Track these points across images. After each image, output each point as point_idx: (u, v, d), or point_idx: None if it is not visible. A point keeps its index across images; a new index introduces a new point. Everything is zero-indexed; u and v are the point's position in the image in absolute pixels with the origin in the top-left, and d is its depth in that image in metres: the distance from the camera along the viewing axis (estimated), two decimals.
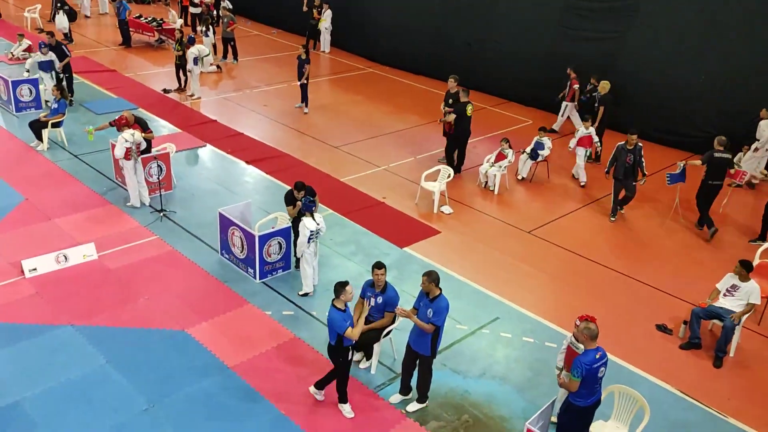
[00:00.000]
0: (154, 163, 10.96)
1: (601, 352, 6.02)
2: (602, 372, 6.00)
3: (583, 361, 5.95)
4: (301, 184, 8.83)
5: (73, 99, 14.79)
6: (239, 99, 16.57)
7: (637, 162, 11.12)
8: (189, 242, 9.97)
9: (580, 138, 12.64)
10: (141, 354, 7.57)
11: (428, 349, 6.81)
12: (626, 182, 11.25)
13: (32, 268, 8.86)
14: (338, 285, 6.55)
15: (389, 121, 15.70)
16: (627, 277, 9.90)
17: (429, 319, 6.63)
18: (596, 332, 6.01)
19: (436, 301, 6.65)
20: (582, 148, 12.64)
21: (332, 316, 6.50)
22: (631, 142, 11.02)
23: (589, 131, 12.61)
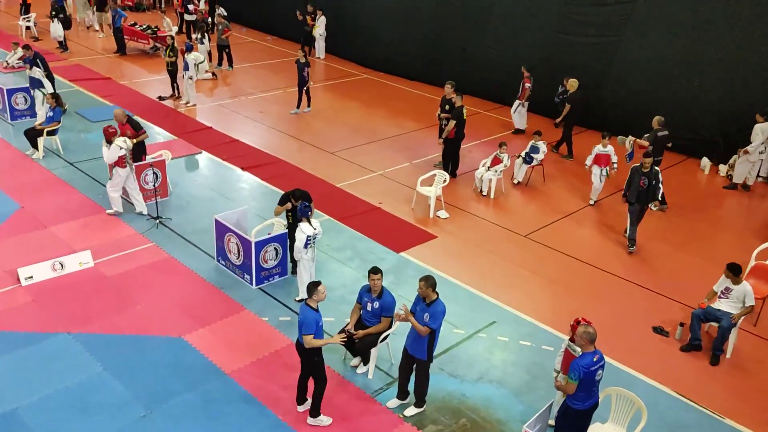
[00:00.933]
0: (150, 171, 10.96)
1: (598, 355, 6.04)
2: (599, 375, 6.03)
3: (580, 363, 5.97)
4: (300, 193, 8.83)
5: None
6: (235, 106, 16.60)
7: (652, 187, 10.39)
8: (185, 249, 9.97)
9: (597, 156, 12.00)
10: (138, 361, 7.56)
11: (425, 353, 6.82)
12: (640, 207, 10.57)
13: (28, 276, 8.85)
14: (311, 284, 6.54)
15: (385, 127, 15.75)
16: (623, 280, 9.93)
17: (425, 323, 6.65)
18: (595, 336, 6.03)
19: (433, 305, 6.67)
20: (597, 167, 12.00)
21: (305, 315, 6.46)
22: (646, 164, 10.34)
23: (607, 149, 11.94)
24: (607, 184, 12.42)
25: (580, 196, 12.68)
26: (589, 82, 15.86)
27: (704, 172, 14.23)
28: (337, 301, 8.90)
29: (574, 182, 13.31)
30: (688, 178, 13.96)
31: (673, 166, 14.46)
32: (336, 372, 7.59)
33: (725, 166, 14.01)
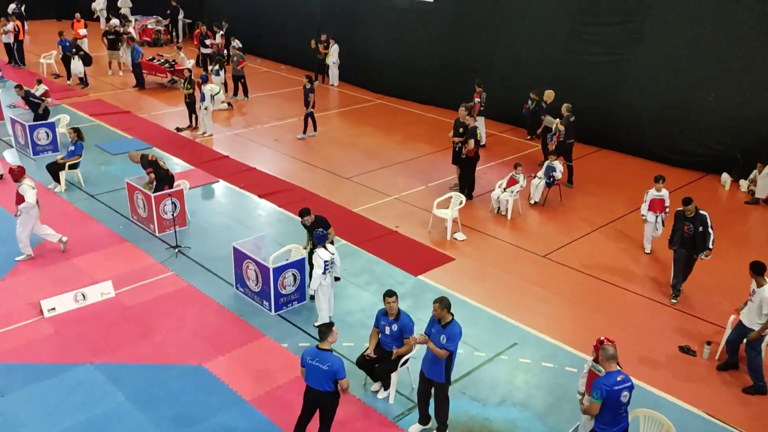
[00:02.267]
0: (168, 200, 11.09)
1: (623, 376, 5.92)
2: (626, 396, 5.88)
3: (603, 382, 5.86)
4: (306, 210, 9.13)
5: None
6: (250, 134, 16.80)
7: (699, 233, 9.32)
8: (204, 277, 10.02)
9: (652, 201, 10.85)
10: (159, 390, 7.56)
11: (442, 376, 6.74)
12: (686, 254, 9.52)
13: (51, 308, 8.94)
14: (326, 327, 6.32)
15: (399, 151, 15.82)
16: (646, 299, 9.79)
17: (443, 345, 6.59)
18: (612, 353, 5.94)
19: (449, 327, 6.62)
20: (653, 214, 10.86)
21: (333, 360, 6.20)
22: (690, 210, 9.31)
23: (662, 194, 10.81)
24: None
25: (598, 214, 12.58)
26: (602, 101, 15.88)
27: (725, 188, 14.07)
28: (356, 325, 8.86)
29: (591, 201, 13.22)
30: (708, 194, 13.79)
31: (693, 182, 14.32)
32: (357, 398, 7.52)
33: (746, 181, 13.84)
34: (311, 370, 6.27)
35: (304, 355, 6.33)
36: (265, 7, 24.10)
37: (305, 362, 6.30)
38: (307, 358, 6.29)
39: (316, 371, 6.23)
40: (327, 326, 6.35)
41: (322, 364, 6.21)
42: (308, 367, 6.28)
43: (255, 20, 24.41)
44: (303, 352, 6.37)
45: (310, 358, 6.27)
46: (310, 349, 6.37)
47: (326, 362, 6.21)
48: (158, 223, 11.20)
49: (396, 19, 19.85)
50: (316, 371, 6.24)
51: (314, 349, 6.31)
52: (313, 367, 6.25)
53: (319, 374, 6.23)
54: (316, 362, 6.24)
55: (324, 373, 6.21)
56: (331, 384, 6.26)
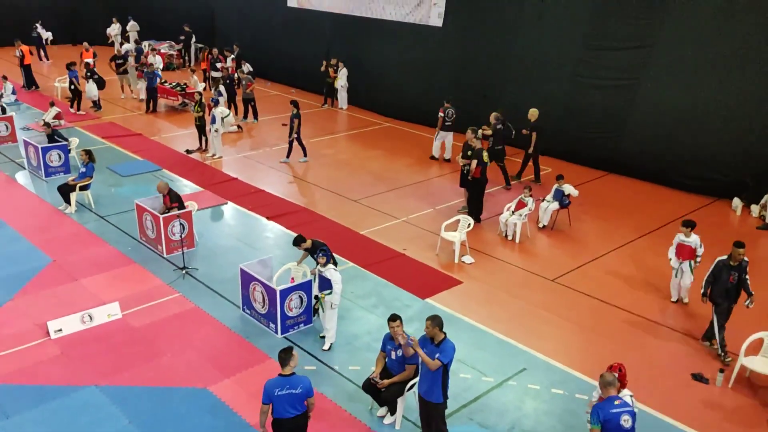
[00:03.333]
0: (177, 222, 11.13)
1: (620, 400, 5.84)
2: (627, 421, 5.73)
3: (599, 407, 5.79)
4: (300, 238, 9.24)
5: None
6: (259, 157, 16.90)
7: (743, 280, 8.86)
8: (211, 299, 10.01)
9: (679, 246, 10.07)
10: (164, 413, 7.50)
11: (440, 396, 6.66)
12: (728, 306, 8.91)
13: (58, 329, 8.93)
14: (285, 353, 6.20)
15: (407, 174, 15.85)
16: (657, 325, 9.66)
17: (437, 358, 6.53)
18: (609, 380, 5.89)
19: (442, 344, 6.57)
20: (677, 260, 10.12)
21: (305, 382, 6.17)
22: (737, 256, 8.79)
23: (691, 240, 9.93)
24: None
25: (607, 239, 12.50)
26: (611, 126, 15.89)
27: (736, 213, 13.95)
28: (362, 348, 8.80)
29: (600, 225, 13.15)
30: (719, 219, 13.69)
31: (703, 207, 14.23)
32: (362, 422, 7.43)
33: (757, 206, 13.73)
34: (282, 400, 6.09)
35: (270, 390, 6.10)
36: (275, 31, 24.42)
37: (273, 396, 6.09)
38: (275, 391, 6.09)
39: (290, 398, 6.10)
40: (287, 351, 6.22)
41: (294, 389, 6.11)
42: (278, 399, 6.09)
43: (266, 44, 24.74)
44: (266, 389, 6.12)
45: (279, 389, 6.09)
46: (272, 381, 6.15)
47: (297, 385, 6.14)
48: (166, 244, 11.23)
49: (405, 44, 20.04)
50: (289, 399, 6.10)
51: (279, 379, 6.15)
52: (284, 396, 6.09)
53: (293, 400, 6.12)
54: (287, 390, 6.10)
55: (298, 397, 6.13)
56: (303, 405, 6.20)
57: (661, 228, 13.06)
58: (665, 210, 13.94)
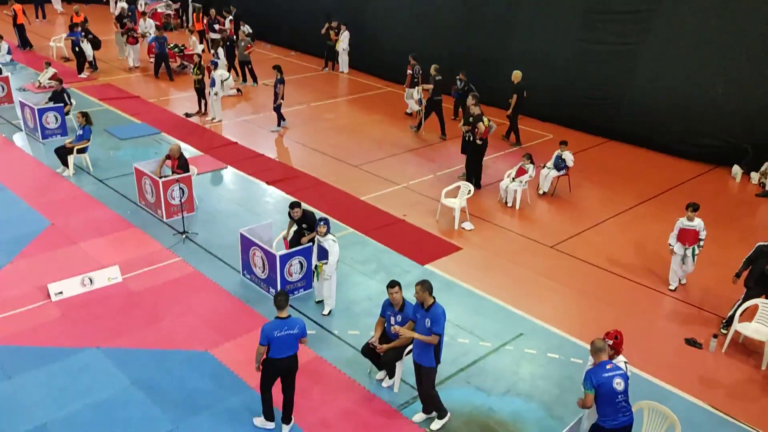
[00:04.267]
0: (176, 186, 11.09)
1: (612, 364, 5.91)
2: (619, 384, 5.80)
3: (591, 372, 5.86)
4: (297, 203, 9.23)
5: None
6: (259, 121, 16.77)
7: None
8: (211, 263, 10.04)
9: (681, 231, 9.57)
10: (165, 375, 7.60)
11: (432, 360, 6.76)
12: (757, 292, 8.59)
13: (58, 292, 8.98)
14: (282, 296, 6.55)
15: (408, 140, 15.75)
16: (653, 291, 9.73)
17: (428, 328, 6.59)
18: (599, 346, 5.96)
19: (432, 309, 6.62)
20: (681, 246, 9.58)
21: (301, 321, 6.56)
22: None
23: (694, 224, 9.46)
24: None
25: (607, 205, 12.49)
26: (612, 92, 15.74)
27: (735, 180, 13.93)
28: (362, 314, 8.87)
29: (600, 192, 13.13)
30: (718, 186, 13.68)
31: (703, 174, 14.20)
32: (361, 386, 7.53)
33: (756, 173, 13.70)
34: (282, 341, 6.42)
35: (270, 331, 6.39)
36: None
37: (272, 336, 6.39)
38: (275, 333, 6.39)
39: (288, 339, 6.44)
40: (284, 294, 6.56)
41: (291, 329, 6.46)
42: (278, 339, 6.40)
43: (265, 5, 24.30)
44: (265, 331, 6.39)
45: (278, 330, 6.40)
46: (270, 324, 6.45)
47: (295, 326, 6.49)
48: (166, 208, 11.22)
49: (407, 7, 19.69)
50: (287, 339, 6.44)
51: (277, 322, 6.45)
52: (283, 337, 6.41)
53: (291, 340, 6.48)
54: (286, 331, 6.42)
55: (295, 337, 6.50)
56: (297, 345, 6.58)
57: (661, 195, 13.05)
58: (665, 177, 13.92)
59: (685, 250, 9.50)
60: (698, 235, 9.44)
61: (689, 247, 9.49)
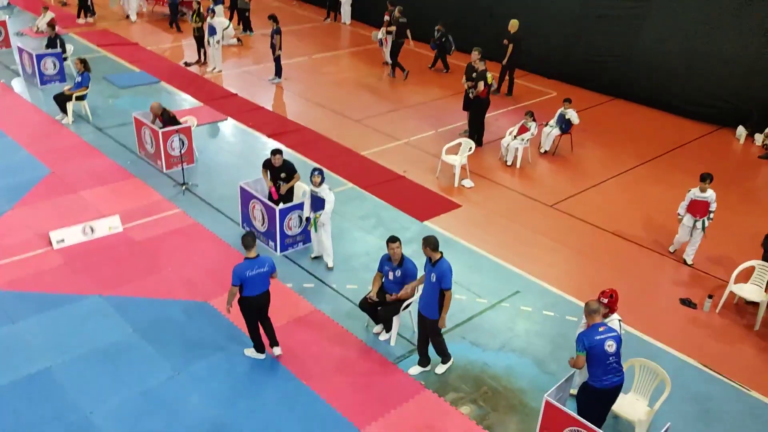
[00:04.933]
0: (176, 137, 11.03)
1: (605, 327, 5.97)
2: (611, 346, 5.88)
3: (583, 335, 5.94)
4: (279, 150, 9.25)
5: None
6: (260, 72, 16.55)
7: None
8: (211, 215, 10.08)
9: (692, 202, 9.20)
10: (166, 324, 7.72)
11: (437, 312, 6.90)
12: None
13: (60, 240, 9.04)
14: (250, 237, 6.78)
15: (410, 94, 15.59)
16: (651, 251, 9.80)
17: (434, 283, 6.75)
18: (594, 308, 6.00)
19: (438, 264, 6.74)
20: (691, 217, 9.25)
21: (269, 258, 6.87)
22: None
23: (706, 195, 9.11)
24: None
25: (608, 165, 12.46)
26: (619, 51, 15.49)
27: (739, 142, 13.86)
28: (360, 269, 8.95)
29: (602, 151, 13.08)
30: (722, 147, 13.62)
31: (705, 135, 14.12)
32: (359, 339, 7.67)
33: (761, 135, 13.62)
34: (254, 279, 6.75)
35: (242, 272, 6.67)
36: None
37: (245, 276, 6.68)
38: (247, 273, 6.68)
39: (260, 277, 6.79)
40: (251, 235, 6.82)
41: (261, 268, 6.79)
42: (250, 279, 6.72)
43: None
44: (237, 272, 6.66)
45: (250, 270, 6.71)
46: (241, 265, 6.71)
47: (264, 264, 6.82)
48: (166, 159, 11.19)
49: None
50: (259, 277, 6.78)
51: (248, 262, 6.73)
52: (255, 276, 6.74)
53: (263, 277, 6.84)
54: (257, 270, 6.74)
55: (266, 274, 6.85)
56: (269, 282, 6.92)
57: (664, 155, 13.01)
58: (668, 137, 13.84)
59: (695, 222, 9.22)
60: (709, 206, 9.14)
61: (699, 219, 9.20)
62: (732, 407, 6.99)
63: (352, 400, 6.78)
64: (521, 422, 6.67)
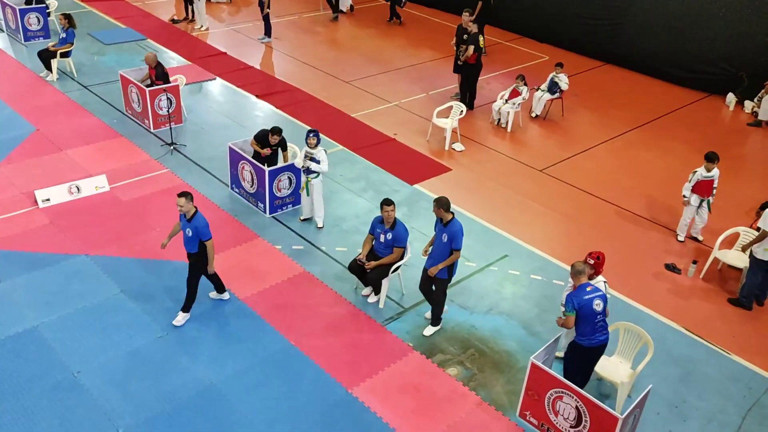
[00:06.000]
0: (164, 96, 10.85)
1: (591, 287, 6.06)
2: (599, 305, 5.97)
3: (572, 295, 6.02)
4: (278, 129, 9.03)
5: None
6: (249, 31, 16.23)
7: None
8: (199, 176, 9.99)
9: (698, 183, 8.90)
10: (154, 284, 7.72)
11: (445, 273, 7.00)
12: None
13: (45, 199, 8.95)
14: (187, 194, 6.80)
15: (402, 56, 15.38)
16: (639, 217, 9.86)
17: (445, 243, 6.83)
18: (579, 269, 6.08)
19: (449, 225, 6.82)
20: (697, 197, 8.98)
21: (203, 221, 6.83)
22: None
23: (711, 174, 8.83)
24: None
25: (599, 130, 12.44)
26: (611, 15, 15.32)
27: (729, 109, 13.85)
28: (350, 231, 8.95)
29: (593, 116, 13.04)
30: (711, 114, 13.61)
31: (696, 102, 14.09)
32: (348, 301, 7.71)
33: (751, 102, 13.61)
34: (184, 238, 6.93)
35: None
36: None
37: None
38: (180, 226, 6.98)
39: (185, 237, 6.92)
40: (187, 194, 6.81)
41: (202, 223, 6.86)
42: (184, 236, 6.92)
43: None
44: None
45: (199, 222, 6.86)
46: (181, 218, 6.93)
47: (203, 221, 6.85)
48: (153, 118, 11.03)
49: None
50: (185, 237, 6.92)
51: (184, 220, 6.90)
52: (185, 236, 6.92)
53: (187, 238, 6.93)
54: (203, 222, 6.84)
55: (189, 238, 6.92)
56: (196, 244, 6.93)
57: (654, 121, 12.99)
58: (659, 103, 13.81)
59: (701, 202, 9.01)
60: (713, 184, 8.93)
61: (706, 199, 8.98)
62: (713, 370, 7.14)
63: (341, 361, 6.85)
64: (507, 383, 6.78)
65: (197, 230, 6.78)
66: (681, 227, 9.31)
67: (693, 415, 6.57)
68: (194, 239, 6.84)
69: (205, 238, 6.83)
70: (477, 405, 6.49)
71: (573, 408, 5.84)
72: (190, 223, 6.81)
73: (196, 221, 6.79)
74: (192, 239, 6.86)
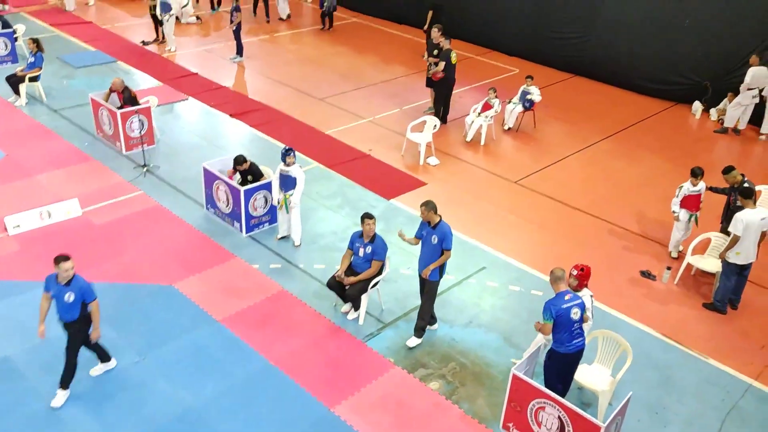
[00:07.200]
0: (136, 117, 10.76)
1: (570, 295, 6.10)
2: (576, 313, 6.02)
3: (551, 303, 6.06)
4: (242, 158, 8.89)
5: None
6: (221, 51, 16.21)
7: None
8: (174, 197, 9.89)
9: (686, 198, 8.99)
10: (129, 308, 7.59)
11: (437, 274, 7.13)
12: None
13: (15, 225, 8.77)
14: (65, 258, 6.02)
15: (374, 72, 15.47)
16: (613, 225, 9.99)
17: (435, 245, 6.97)
18: (558, 275, 6.12)
19: (438, 227, 6.97)
20: (686, 212, 9.04)
21: (84, 280, 6.12)
22: None
23: (698, 188, 8.94)
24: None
25: (570, 141, 12.62)
26: (578, 28, 15.62)
27: (695, 117, 14.17)
28: (327, 248, 8.92)
29: (564, 128, 13.23)
30: (678, 122, 13.91)
31: (663, 111, 14.39)
32: (327, 318, 7.66)
33: (715, 110, 13.94)
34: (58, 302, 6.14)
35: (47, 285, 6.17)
36: None
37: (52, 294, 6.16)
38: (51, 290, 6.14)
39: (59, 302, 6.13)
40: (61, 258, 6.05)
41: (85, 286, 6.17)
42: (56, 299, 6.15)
43: None
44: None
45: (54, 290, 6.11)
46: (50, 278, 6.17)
47: (85, 285, 6.15)
48: (125, 141, 10.92)
49: None
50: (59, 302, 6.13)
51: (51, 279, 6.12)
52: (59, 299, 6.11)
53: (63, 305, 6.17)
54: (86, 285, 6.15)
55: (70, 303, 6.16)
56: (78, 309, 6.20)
57: (623, 131, 13.23)
58: (628, 113, 14.07)
59: (690, 216, 9.05)
60: (700, 198, 8.99)
61: (694, 213, 9.03)
62: (691, 375, 7.23)
63: (322, 379, 6.79)
64: (490, 395, 6.78)
65: (82, 291, 6.07)
66: (673, 244, 9.26)
67: (673, 420, 6.63)
68: (76, 304, 6.09)
69: (90, 298, 6.13)
70: (460, 418, 6.48)
71: (555, 418, 5.86)
72: (69, 287, 6.04)
73: (77, 282, 6.07)
74: (73, 305, 6.09)
